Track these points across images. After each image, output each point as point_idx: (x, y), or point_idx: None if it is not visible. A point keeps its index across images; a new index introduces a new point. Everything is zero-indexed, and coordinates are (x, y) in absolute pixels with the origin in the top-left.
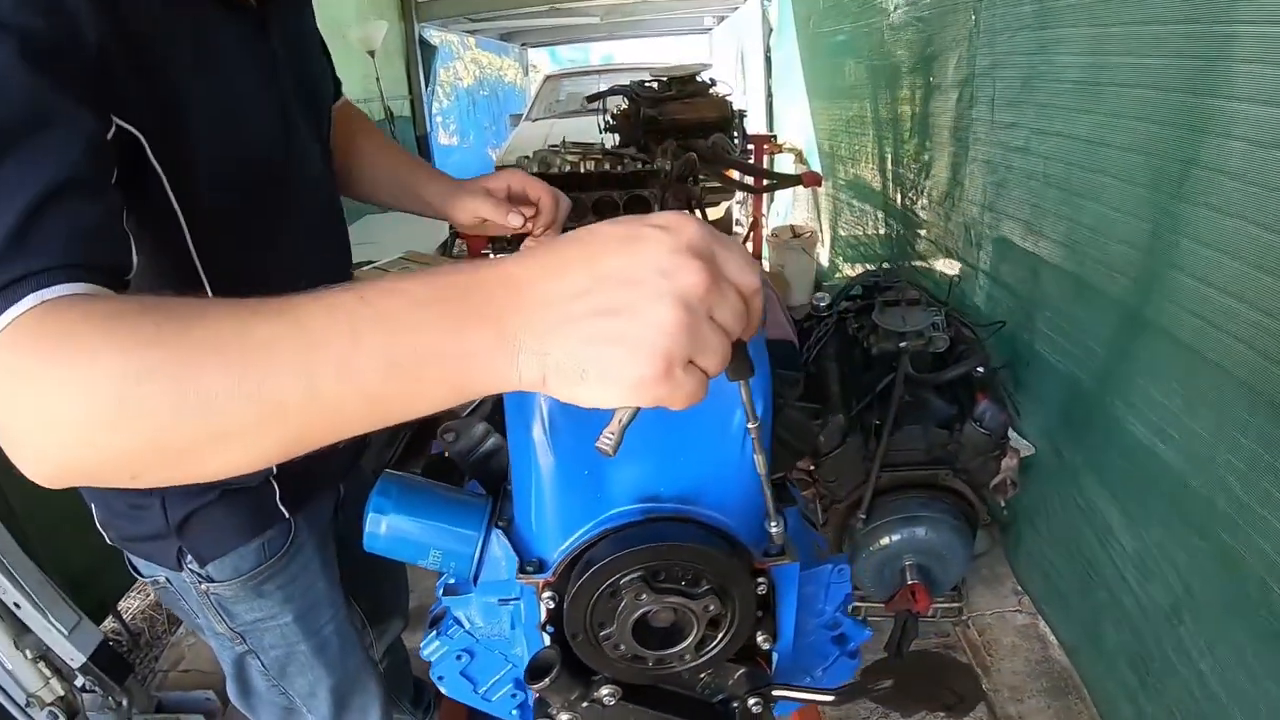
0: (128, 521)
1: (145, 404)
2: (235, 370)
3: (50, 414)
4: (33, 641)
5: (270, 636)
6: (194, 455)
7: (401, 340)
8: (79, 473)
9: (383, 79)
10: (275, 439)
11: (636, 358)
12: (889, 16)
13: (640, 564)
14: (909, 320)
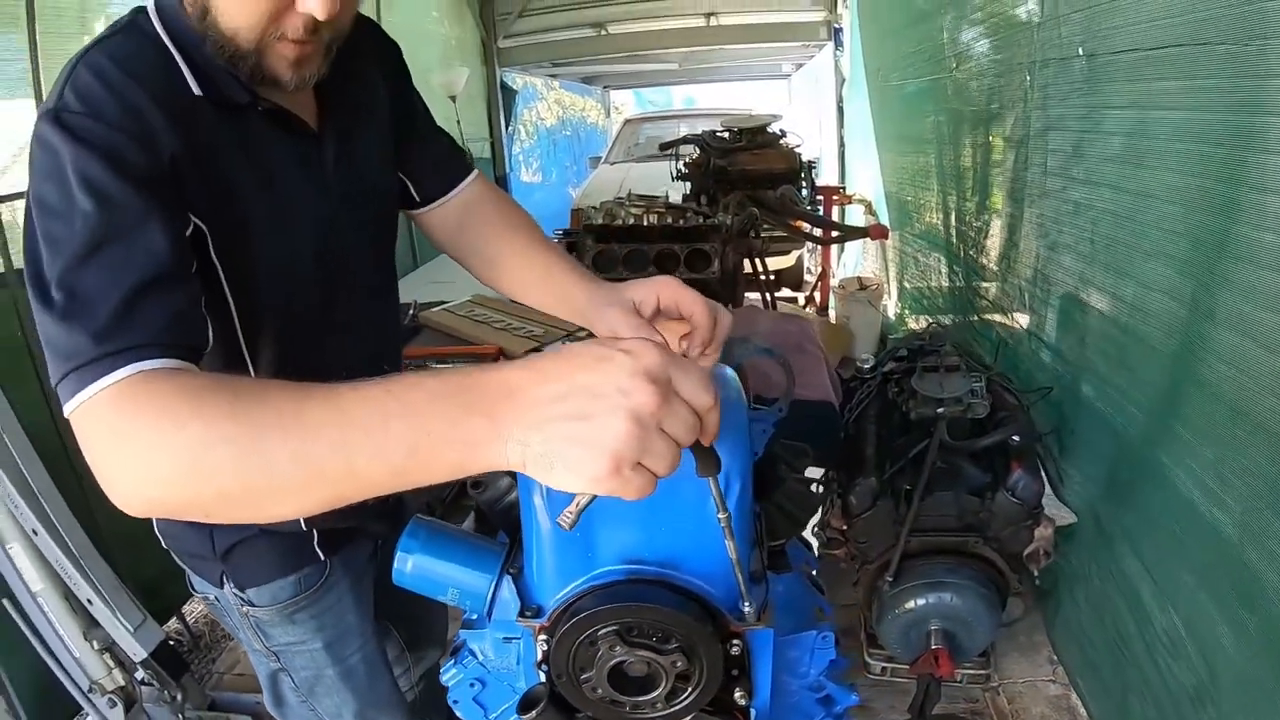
0: (182, 538)
1: (220, 464)
2: (292, 444)
3: (142, 466)
4: (100, 635)
5: (301, 659)
6: (253, 504)
7: (419, 427)
8: (160, 510)
9: (463, 121)
10: (317, 497)
11: (592, 457)
12: (952, 72)
13: (616, 619)
14: (947, 387)
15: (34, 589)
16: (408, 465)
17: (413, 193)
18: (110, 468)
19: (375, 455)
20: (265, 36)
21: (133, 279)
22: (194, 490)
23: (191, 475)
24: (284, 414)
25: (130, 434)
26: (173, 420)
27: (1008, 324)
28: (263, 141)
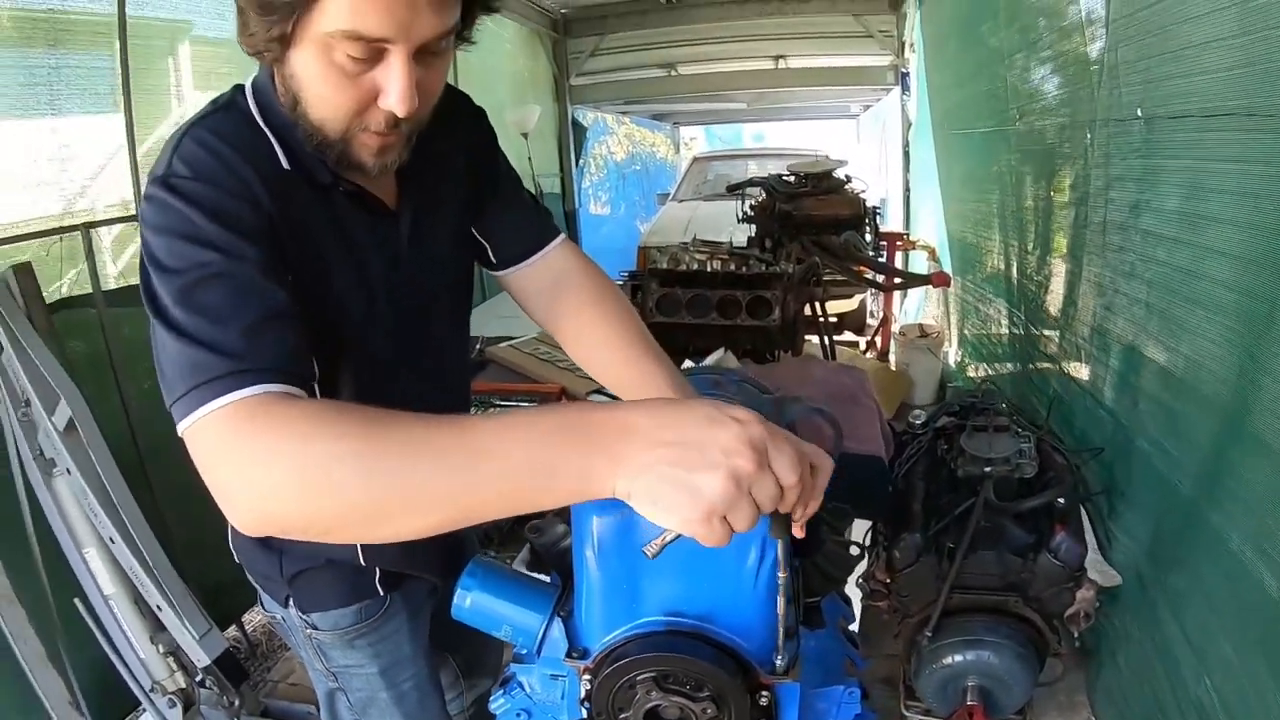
0: (253, 558)
1: (348, 479)
2: (423, 464)
3: (267, 480)
4: (166, 639)
5: (357, 681)
6: (375, 521)
7: (544, 457)
8: (279, 526)
9: (534, 157)
10: (439, 517)
11: (690, 504)
12: (1015, 124)
13: (654, 667)
14: (995, 447)
15: (106, 592)
16: (525, 490)
17: (490, 255)
18: (231, 482)
19: (500, 478)
20: (350, 128)
21: (254, 312)
22: (318, 505)
23: (317, 490)
24: (413, 435)
25: (255, 448)
26: (301, 436)
27: (1065, 380)
28: (343, 217)
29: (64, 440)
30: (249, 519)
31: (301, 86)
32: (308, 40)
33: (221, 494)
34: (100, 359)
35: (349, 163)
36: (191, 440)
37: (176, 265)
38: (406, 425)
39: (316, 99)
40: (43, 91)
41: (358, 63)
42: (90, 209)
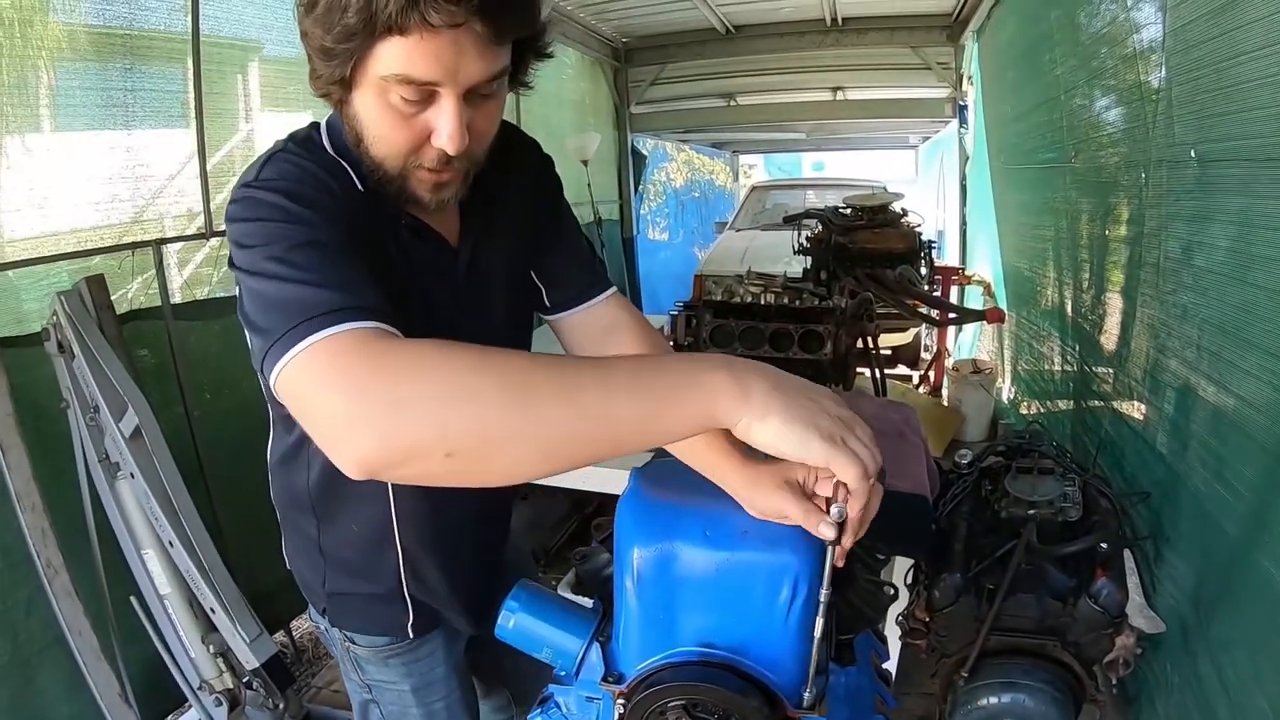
0: (301, 564)
1: (482, 392)
2: (564, 393)
3: (390, 398)
4: (217, 640)
5: (389, 696)
6: (497, 447)
7: (677, 382)
8: (394, 450)
9: (594, 184)
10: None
11: (817, 430)
12: (1071, 161)
13: (684, 695)
14: (1038, 490)
15: (162, 592)
16: (652, 409)
17: (544, 298)
18: (352, 402)
19: (636, 404)
20: (406, 165)
21: (350, 270)
22: (442, 423)
23: (449, 402)
24: (551, 365)
25: (384, 364)
26: (438, 354)
27: (1117, 420)
28: (408, 248)
29: (129, 445)
30: (363, 443)
31: (363, 126)
32: (366, 83)
33: (336, 417)
34: (166, 369)
35: (409, 198)
36: (300, 368)
37: (267, 239)
38: (540, 358)
39: (376, 138)
40: (119, 112)
41: (411, 104)
42: (159, 220)
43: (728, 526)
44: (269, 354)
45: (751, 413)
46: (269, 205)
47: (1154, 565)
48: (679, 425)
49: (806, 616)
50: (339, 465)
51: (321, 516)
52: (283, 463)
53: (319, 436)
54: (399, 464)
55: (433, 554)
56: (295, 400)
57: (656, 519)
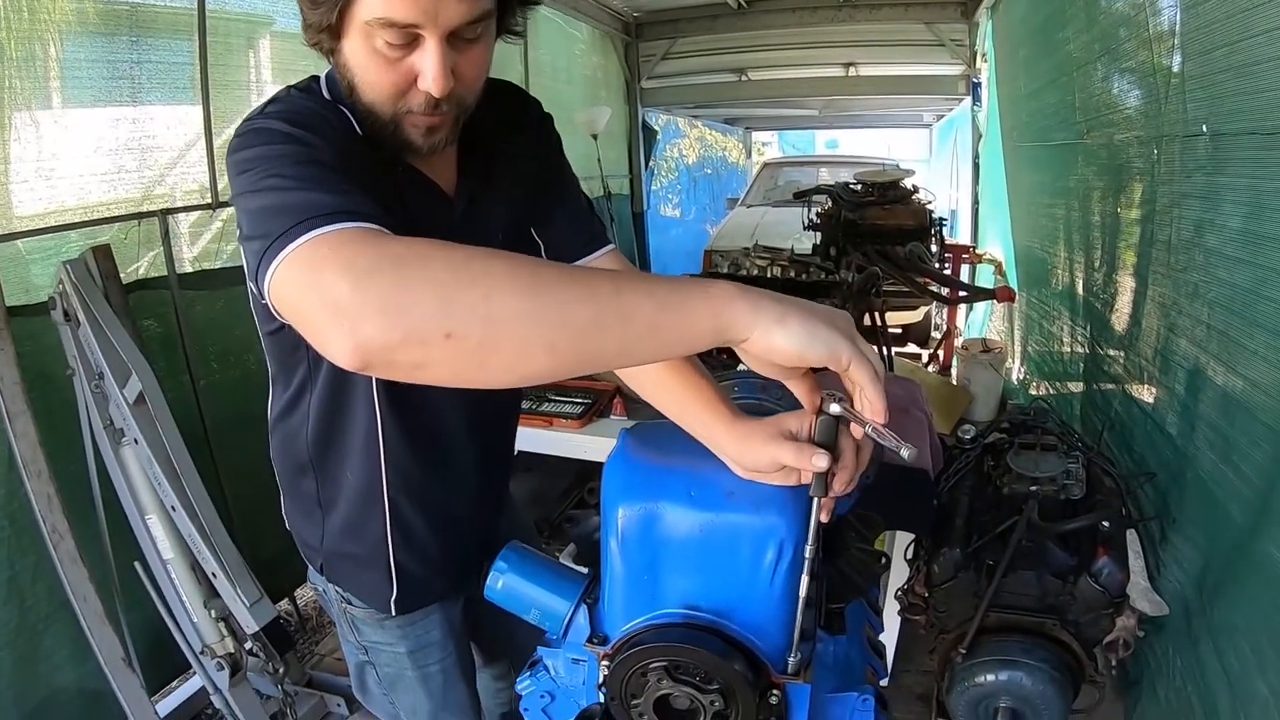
0: (299, 520)
1: (488, 276)
2: (574, 290)
3: (391, 284)
4: (219, 605)
5: (385, 658)
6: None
7: (677, 286)
8: (406, 325)
9: (604, 159)
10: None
11: (833, 336)
12: (1083, 139)
13: (665, 656)
14: (1041, 466)
15: (165, 557)
16: (663, 320)
17: (542, 254)
18: (347, 287)
19: (647, 311)
20: (396, 110)
21: (350, 183)
22: (446, 300)
23: (452, 284)
24: (561, 266)
25: (383, 253)
26: (440, 247)
27: (1126, 400)
28: (404, 196)
29: (133, 412)
30: (368, 320)
31: (352, 72)
32: (352, 30)
33: (335, 301)
34: (172, 338)
35: (402, 144)
36: (299, 260)
37: (268, 158)
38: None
39: (364, 84)
40: (125, 84)
41: (395, 48)
42: (169, 195)
43: (713, 487)
44: (266, 254)
45: (768, 319)
46: (271, 131)
47: (1159, 547)
48: (691, 331)
49: (792, 580)
50: (334, 355)
51: (319, 470)
52: (282, 418)
53: (315, 327)
54: (397, 345)
55: (422, 511)
56: (291, 294)
57: (641, 479)
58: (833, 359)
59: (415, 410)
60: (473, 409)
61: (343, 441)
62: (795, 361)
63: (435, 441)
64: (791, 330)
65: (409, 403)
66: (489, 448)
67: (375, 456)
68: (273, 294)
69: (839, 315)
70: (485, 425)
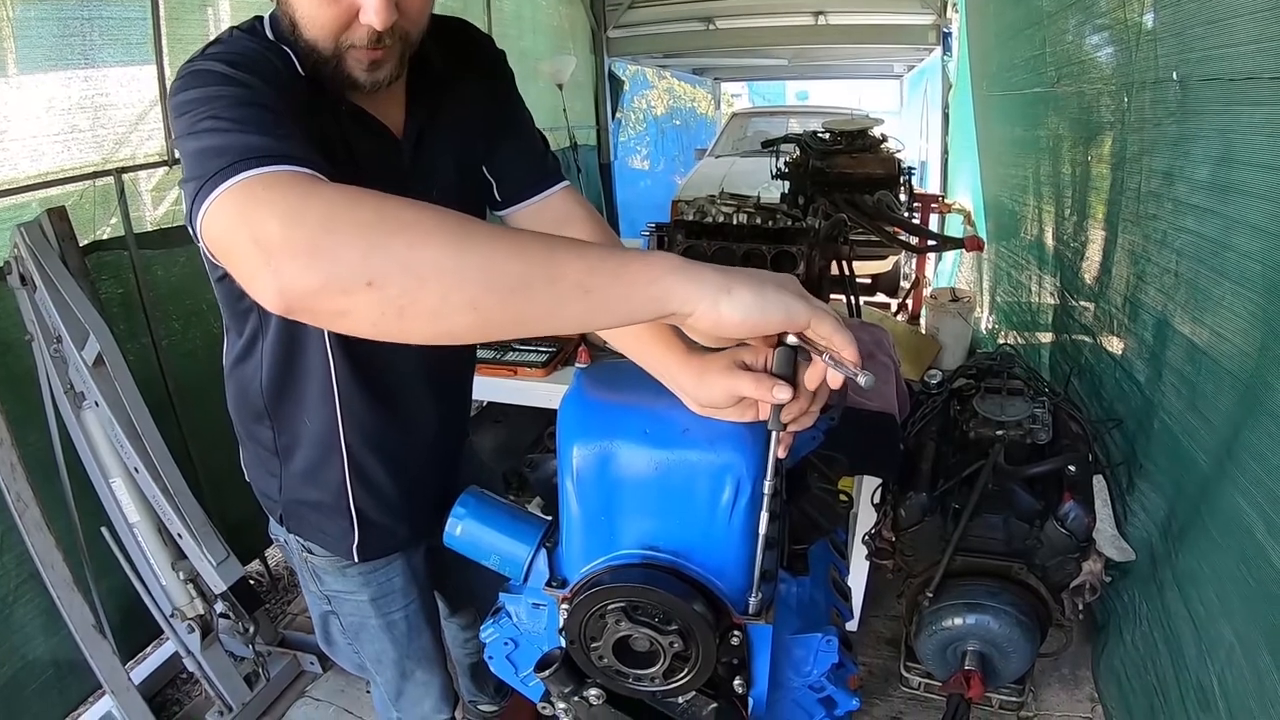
0: (257, 471)
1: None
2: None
3: (322, 223)
4: (186, 566)
5: (348, 607)
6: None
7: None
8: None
9: (570, 109)
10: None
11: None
12: (1053, 87)
13: (623, 597)
14: (1008, 410)
15: (131, 520)
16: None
17: (495, 193)
18: (276, 228)
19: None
20: (339, 46)
21: (289, 128)
22: (368, 246)
23: (377, 231)
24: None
25: (322, 196)
26: (364, 194)
27: (1095, 348)
28: (348, 135)
29: (92, 374)
30: (292, 263)
31: (293, 9)
32: None
33: (263, 241)
34: (132, 299)
35: (346, 81)
36: (231, 199)
37: (207, 100)
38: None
39: (305, 19)
40: (76, 42)
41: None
42: (131, 159)
43: (669, 424)
44: (200, 193)
45: (713, 290)
46: (210, 73)
47: (1126, 494)
48: (626, 299)
49: (751, 519)
50: (259, 296)
51: (275, 417)
52: (236, 365)
53: (242, 266)
54: (318, 290)
55: (379, 456)
56: (221, 233)
57: (596, 418)
58: (790, 321)
59: (368, 356)
60: (424, 353)
61: (297, 388)
62: (750, 331)
63: (388, 388)
64: (740, 299)
65: (361, 348)
66: (444, 394)
67: (331, 403)
68: (204, 233)
69: (785, 278)
70: (439, 371)
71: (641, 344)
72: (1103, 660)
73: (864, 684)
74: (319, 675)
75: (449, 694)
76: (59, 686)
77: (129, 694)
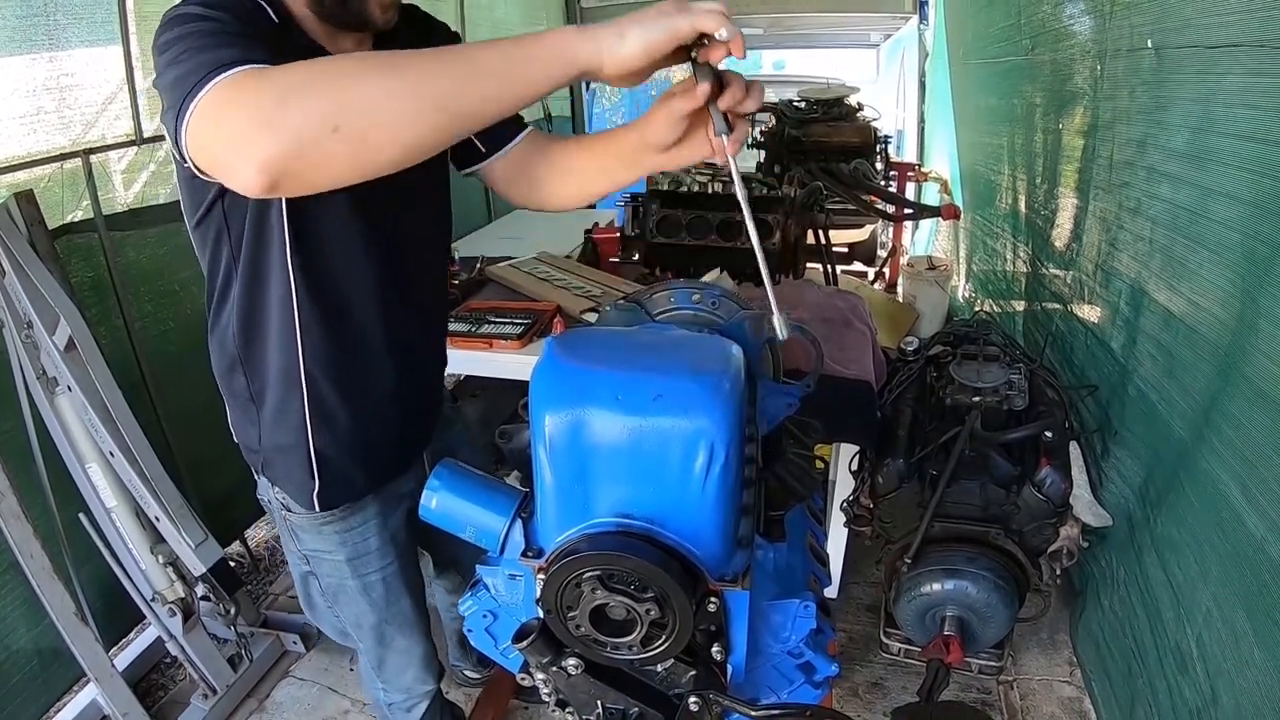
0: (240, 426)
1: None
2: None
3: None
4: (165, 550)
5: (325, 567)
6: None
7: (520, 38)
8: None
9: None
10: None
11: (666, 15)
12: (1027, 55)
13: (598, 565)
14: (983, 376)
15: (108, 505)
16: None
17: (477, 144)
18: (244, 118)
19: (476, 56)
20: None
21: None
22: (326, 99)
23: (329, 85)
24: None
25: (276, 75)
26: (310, 63)
27: (1068, 316)
28: None
29: (64, 359)
30: (263, 139)
31: None
32: None
33: (235, 132)
34: (103, 281)
35: (361, 16)
36: (205, 105)
37: (184, 35)
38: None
39: None
40: (40, 22)
41: None
42: (100, 139)
43: (641, 390)
44: (179, 114)
45: (608, 38)
46: (189, 16)
47: (1101, 460)
48: (543, 68)
49: (725, 484)
50: (244, 183)
51: (246, 361)
52: (215, 315)
53: (223, 162)
54: (293, 153)
55: (337, 388)
56: (201, 139)
57: (567, 385)
58: (674, 34)
59: (327, 277)
60: (381, 279)
61: (263, 322)
62: (650, 56)
63: (349, 316)
64: (630, 35)
65: (320, 268)
66: (405, 331)
67: (292, 330)
68: (190, 148)
69: (667, 3)
70: (399, 306)
71: (608, 151)
72: (1081, 625)
73: (843, 650)
74: (303, 655)
75: (432, 664)
76: (43, 676)
77: (113, 681)
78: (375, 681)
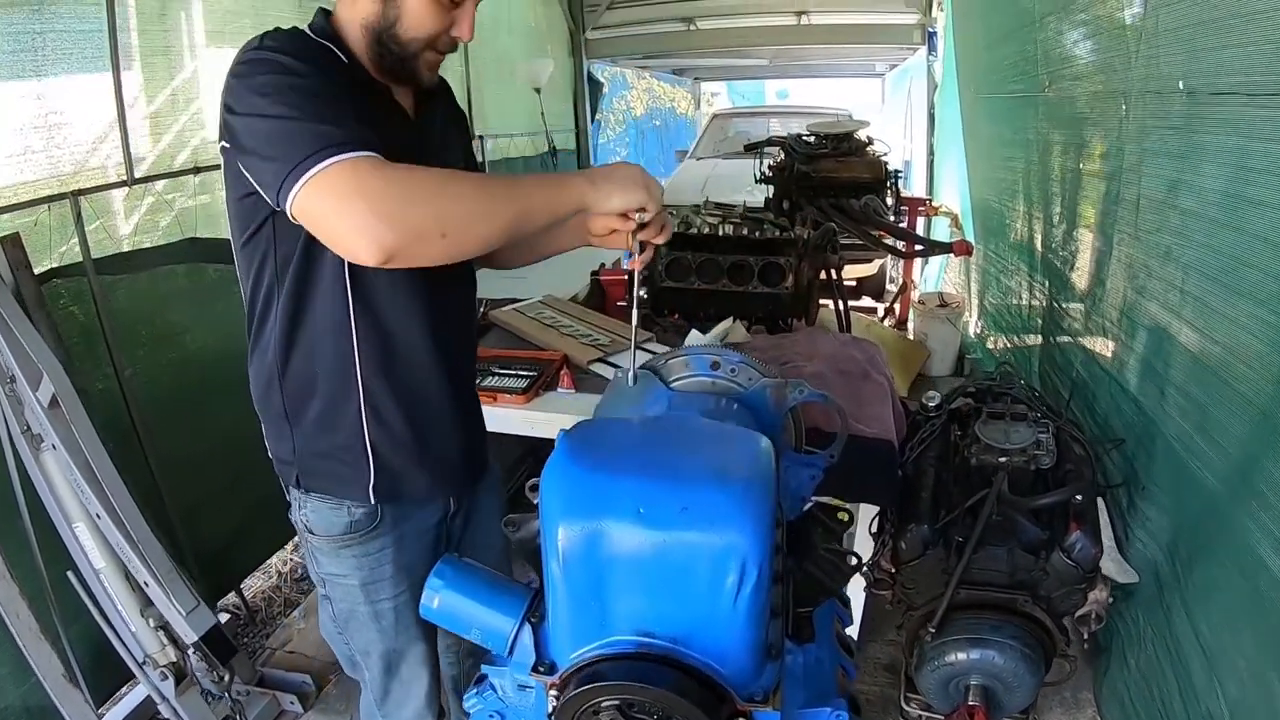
0: (275, 443)
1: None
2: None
3: (405, 195)
4: (156, 613)
5: (339, 591)
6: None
7: (555, 185)
8: (416, 231)
9: (548, 113)
10: (505, 220)
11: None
12: (1044, 91)
13: (619, 694)
14: (1011, 436)
15: (96, 566)
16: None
17: None
18: (368, 208)
19: (535, 197)
20: (425, 48)
21: (349, 114)
22: (439, 211)
23: (440, 200)
24: (487, 175)
25: (397, 179)
26: (421, 172)
27: (1089, 362)
28: (376, 113)
29: (48, 415)
30: (389, 231)
31: (406, 13)
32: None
33: (361, 217)
34: (93, 330)
35: (411, 74)
36: (323, 183)
37: (277, 87)
38: (485, 175)
39: (413, 20)
40: (27, 58)
41: (454, 3)
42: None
43: (665, 502)
44: (289, 176)
45: (600, 192)
46: (275, 62)
47: (1127, 514)
48: (565, 205)
49: (756, 601)
50: (360, 257)
51: (284, 374)
52: (256, 331)
53: (342, 237)
54: (410, 245)
55: (394, 394)
56: (319, 210)
57: (584, 493)
58: (631, 202)
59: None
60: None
61: (312, 330)
62: (623, 208)
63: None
64: (606, 193)
65: (374, 284)
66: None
67: (348, 335)
68: (296, 209)
69: (636, 174)
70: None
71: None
72: (1105, 683)
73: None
74: (300, 715)
75: (434, 703)
76: None
77: None
78: (375, 716)
